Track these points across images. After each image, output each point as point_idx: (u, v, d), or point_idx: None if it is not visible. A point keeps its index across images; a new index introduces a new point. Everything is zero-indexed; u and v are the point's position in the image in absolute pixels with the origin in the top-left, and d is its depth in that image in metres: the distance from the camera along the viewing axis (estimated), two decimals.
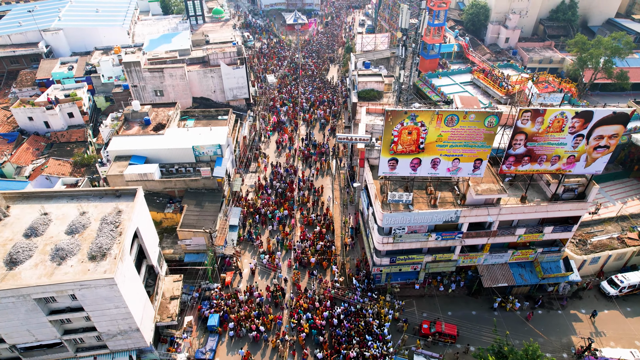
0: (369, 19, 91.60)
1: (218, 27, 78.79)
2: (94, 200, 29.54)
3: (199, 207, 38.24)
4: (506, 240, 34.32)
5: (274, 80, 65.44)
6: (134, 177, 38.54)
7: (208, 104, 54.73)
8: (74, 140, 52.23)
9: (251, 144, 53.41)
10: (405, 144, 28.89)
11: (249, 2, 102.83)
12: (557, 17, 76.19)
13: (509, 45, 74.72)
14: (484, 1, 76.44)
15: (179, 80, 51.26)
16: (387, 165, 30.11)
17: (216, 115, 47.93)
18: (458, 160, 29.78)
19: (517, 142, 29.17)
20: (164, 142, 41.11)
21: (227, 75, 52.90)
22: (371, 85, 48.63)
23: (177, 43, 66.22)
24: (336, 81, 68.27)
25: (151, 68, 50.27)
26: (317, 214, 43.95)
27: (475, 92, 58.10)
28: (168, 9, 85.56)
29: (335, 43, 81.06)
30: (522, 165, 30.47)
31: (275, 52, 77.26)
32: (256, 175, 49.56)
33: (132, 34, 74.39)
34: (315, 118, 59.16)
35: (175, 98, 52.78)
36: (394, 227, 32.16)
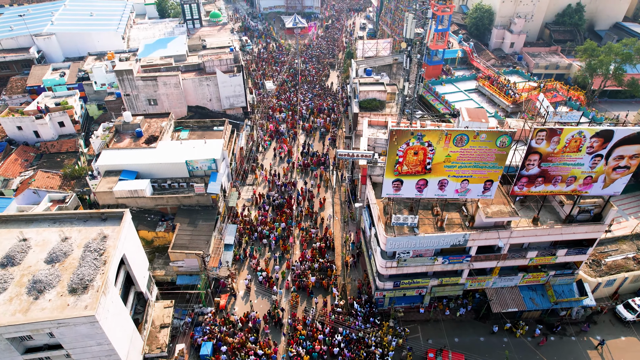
0: (370, 23, 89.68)
1: (215, 31, 76.92)
2: (78, 224, 27.61)
3: (192, 226, 36.30)
4: (517, 263, 32.39)
5: (273, 87, 63.51)
6: (124, 193, 36.62)
7: (204, 113, 52.80)
8: (65, 151, 50.30)
9: (248, 155, 51.48)
10: (410, 164, 26.95)
11: (248, 5, 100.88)
12: (563, 21, 74.25)
13: (514, 50, 72.77)
14: (488, 5, 74.50)
15: (173, 89, 49.34)
16: (392, 186, 28.17)
17: (211, 126, 46.01)
18: (467, 181, 27.84)
19: (531, 163, 27.23)
20: (156, 156, 39.17)
21: (223, 84, 50.97)
22: (373, 95, 46.69)
23: (173, 48, 64.39)
24: (336, 88, 66.33)
25: (144, 76, 48.34)
26: (316, 228, 42.10)
27: (481, 100, 56.20)
28: (164, 13, 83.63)
29: (336, 47, 79.10)
30: (535, 187, 28.53)
31: (274, 57, 75.28)
32: (253, 189, 47.64)
33: (127, 39, 72.49)
34: (315, 127, 57.20)
35: (169, 107, 50.87)
36: (398, 251, 30.23)
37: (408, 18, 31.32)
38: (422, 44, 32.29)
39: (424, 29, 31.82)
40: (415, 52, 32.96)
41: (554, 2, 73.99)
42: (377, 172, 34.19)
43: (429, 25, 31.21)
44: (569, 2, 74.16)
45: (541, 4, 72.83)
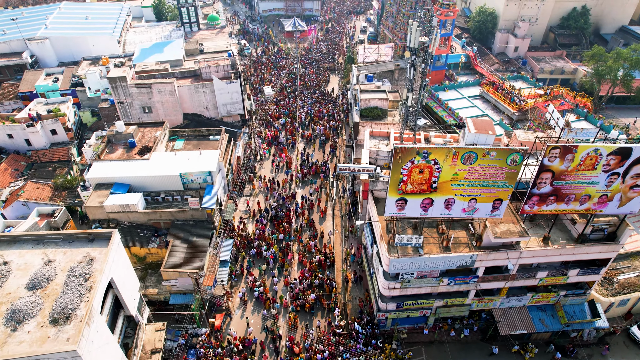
0: (370, 26, 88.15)
1: (213, 35, 75.50)
2: (63, 245, 26.07)
3: (186, 242, 34.76)
4: (526, 283, 30.85)
5: (271, 93, 61.97)
6: (115, 208, 35.09)
7: (200, 120, 51.28)
8: (57, 160, 48.81)
9: (246, 164, 49.95)
10: (415, 183, 25.41)
11: (247, 8, 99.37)
12: (568, 24, 72.69)
13: (518, 54, 71.26)
14: (492, 8, 73.01)
15: (168, 96, 47.82)
16: (395, 205, 26.63)
17: (207, 135, 44.50)
18: (475, 200, 26.30)
19: (543, 181, 25.69)
20: (150, 168, 37.64)
21: (220, 91, 49.44)
22: (375, 103, 45.16)
23: (170, 53, 62.85)
24: (337, 93, 64.79)
25: (138, 84, 46.83)
26: (315, 240, 40.67)
27: (485, 107, 54.72)
28: (162, 15, 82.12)
29: (336, 51, 77.56)
30: (546, 205, 27.00)
31: (272, 61, 73.71)
32: (251, 199, 46.11)
33: (123, 42, 71.01)
34: (315, 135, 55.65)
35: (164, 115, 49.35)
36: (402, 273, 28.69)
37: (412, 26, 29.79)
38: (426, 53, 30.75)
39: (429, 37, 30.29)
40: (420, 62, 31.43)
41: (559, 5, 72.47)
42: (379, 186, 32.67)
43: (434, 33, 29.69)
44: (574, 5, 72.65)
45: (546, 7, 71.31)
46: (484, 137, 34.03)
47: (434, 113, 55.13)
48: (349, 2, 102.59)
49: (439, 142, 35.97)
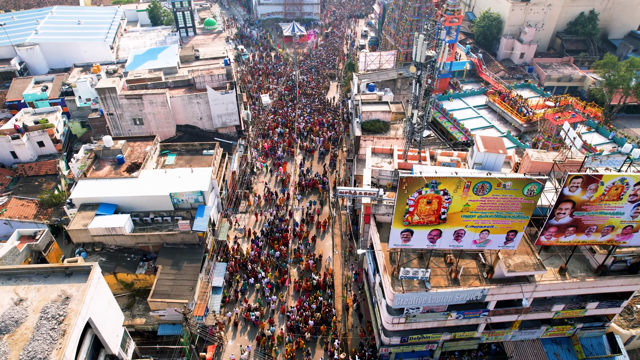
0: (372, 30, 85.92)
1: (210, 40, 73.40)
2: (37, 281, 23.87)
3: (175, 268, 32.55)
4: (540, 316, 28.64)
5: (269, 102, 59.77)
6: (101, 231, 32.90)
7: (194, 132, 49.07)
8: (44, 174, 46.66)
9: (242, 179, 47.74)
10: (422, 214, 23.20)
11: (245, 11, 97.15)
12: (575, 30, 70.47)
13: (524, 60, 69.08)
14: (497, 13, 70.81)
15: (160, 107, 45.61)
16: (400, 237, 24.43)
17: (201, 149, 42.30)
18: (487, 232, 24.09)
19: (562, 212, 23.47)
20: (138, 187, 35.44)
21: (214, 101, 47.23)
22: (377, 116, 42.97)
23: (164, 59, 60.79)
24: (337, 102, 62.56)
25: (128, 95, 44.61)
26: (312, 256, 38.61)
27: (491, 118, 52.51)
28: (157, 20, 79.93)
29: (336, 57, 75.30)
30: (565, 237, 24.79)
31: (271, 68, 71.47)
32: (246, 217, 43.94)
33: (116, 48, 68.85)
34: (314, 146, 53.42)
35: (156, 127, 47.15)
36: (407, 307, 26.48)
37: (418, 39, 27.58)
38: (433, 68, 28.55)
39: (436, 51, 28.08)
40: (426, 77, 29.24)
41: (566, 10, 70.27)
42: (382, 210, 30.45)
43: (442, 47, 27.49)
44: (581, 10, 70.46)
45: (552, 12, 69.11)
46: (493, 156, 31.93)
47: (438, 124, 52.97)
48: (349, 5, 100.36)
49: (445, 160, 33.79)
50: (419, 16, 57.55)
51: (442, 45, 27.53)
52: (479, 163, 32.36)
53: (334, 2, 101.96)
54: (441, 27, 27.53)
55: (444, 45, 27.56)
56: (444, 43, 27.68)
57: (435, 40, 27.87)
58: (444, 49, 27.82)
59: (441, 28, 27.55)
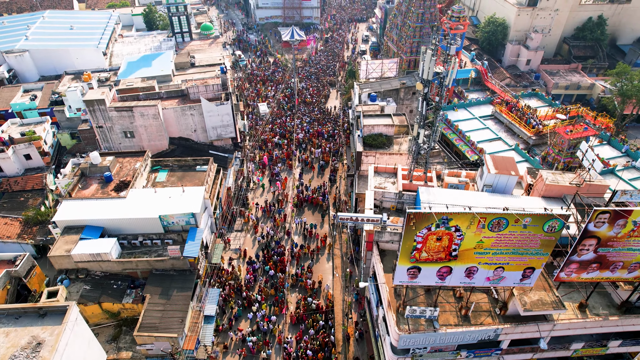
0: (373, 35, 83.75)
1: (206, 46, 71.31)
2: (7, 323, 21.79)
3: (164, 297, 30.42)
4: (557, 355, 26.51)
5: (267, 111, 57.63)
6: (85, 257, 30.79)
7: (187, 145, 46.95)
8: (30, 189, 44.52)
9: (237, 194, 45.60)
10: (432, 250, 21.08)
11: (243, 15, 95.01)
12: (583, 35, 68.31)
13: (530, 67, 66.89)
14: (502, 18, 68.63)
15: (151, 120, 43.49)
16: (406, 273, 22.30)
17: (194, 165, 40.17)
18: (502, 268, 21.98)
19: (585, 248, 21.33)
20: (126, 208, 33.32)
21: (209, 113, 45.12)
22: (379, 129, 40.84)
23: (158, 66, 58.82)
24: (337, 111, 60.41)
25: (118, 107, 42.50)
26: (310, 273, 36.56)
27: (498, 129, 50.36)
28: (152, 24, 77.74)
29: (337, 63, 73.11)
30: (587, 273, 22.67)
31: (268, 75, 69.26)
32: (242, 235, 41.83)
33: (109, 54, 66.72)
34: (313, 158, 51.27)
35: (148, 140, 45.05)
36: (413, 347, 24.36)
37: (426, 55, 25.44)
38: (442, 86, 26.42)
39: (445, 67, 25.95)
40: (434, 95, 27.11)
41: (573, 15, 68.11)
42: (386, 237, 28.33)
43: (452, 64, 25.36)
44: (589, 15, 68.28)
45: (560, 17, 66.94)
46: (505, 178, 29.81)
47: (442, 135, 50.81)
48: (349, 9, 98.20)
49: (453, 181, 31.65)
50: (423, 22, 55.42)
51: (451, 61, 25.39)
52: (489, 185, 30.23)
53: (334, 5, 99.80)
54: (451, 42, 25.37)
55: (453, 61, 25.43)
56: (454, 59, 25.55)
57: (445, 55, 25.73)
58: (453, 65, 25.69)
59: (451, 43, 25.39)
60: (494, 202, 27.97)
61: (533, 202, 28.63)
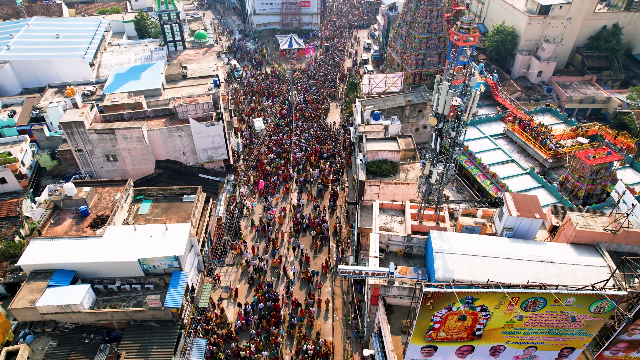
0: (375, 43, 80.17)
1: (200, 55, 67.74)
2: None
3: (142, 354, 26.88)
4: None
5: (262, 127, 54.10)
6: (52, 309, 27.28)
7: (176, 168, 43.42)
8: (4, 216, 40.95)
9: (229, 223, 42.05)
10: (451, 330, 17.58)
11: (240, 20, 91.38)
12: (598, 45, 64.76)
13: (541, 79, 63.28)
14: (512, 26, 65.04)
15: (136, 143, 39.96)
16: (420, 352, 18.78)
17: (180, 194, 36.59)
18: (535, 348, 18.44)
19: (638, 328, 17.78)
20: (102, 249, 29.77)
21: (198, 135, 41.59)
22: (384, 155, 37.30)
23: (147, 79, 55.55)
24: (337, 127, 56.83)
25: (99, 129, 38.96)
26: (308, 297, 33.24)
27: (511, 150, 46.84)
28: (144, 32, 74.14)
29: (337, 73, 69.48)
30: (638, 352, 19.11)
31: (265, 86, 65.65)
32: (233, 271, 38.30)
33: (97, 65, 63.19)
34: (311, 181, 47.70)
35: (132, 164, 41.52)
36: None
37: (442, 86, 21.92)
38: (459, 121, 22.91)
39: (463, 100, 22.44)
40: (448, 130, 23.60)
41: (587, 23, 64.53)
42: (393, 292, 24.80)
43: (472, 97, 21.85)
44: (604, 24, 64.74)
45: (573, 25, 63.37)
46: (527, 221, 26.30)
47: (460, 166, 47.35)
48: (350, 14, 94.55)
49: (468, 223, 28.10)
50: (429, 33, 51.89)
51: (472, 95, 21.88)
52: (509, 228, 26.71)
53: (334, 11, 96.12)
54: (472, 72, 21.85)
55: (474, 95, 21.91)
56: (475, 91, 22.03)
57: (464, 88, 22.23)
58: (473, 97, 22.17)
59: (472, 73, 21.88)
60: (517, 250, 24.46)
61: (561, 250, 25.06)
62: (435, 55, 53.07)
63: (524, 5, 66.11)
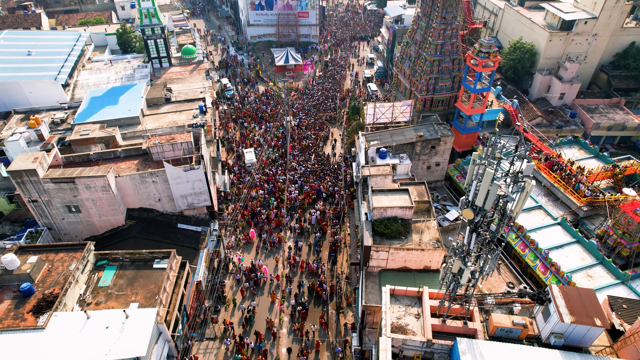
0: (379, 58, 74.03)
1: (187, 73, 61.85)
2: None
3: None
4: None
5: (254, 160, 48.08)
6: None
7: (150, 217, 37.42)
8: None
9: (211, 285, 36.02)
10: None
11: (233, 32, 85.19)
12: (626, 64, 58.73)
13: (563, 102, 57.25)
14: (530, 43, 58.97)
15: (101, 192, 33.94)
16: None
17: (151, 259, 30.58)
18: None
19: None
20: (42, 349, 23.77)
21: (175, 180, 35.60)
22: (393, 212, 31.28)
23: (126, 103, 49.87)
24: (338, 159, 50.78)
25: (56, 179, 32.91)
26: None
27: (536, 193, 41.01)
28: (127, 46, 68.08)
29: (338, 92, 63.38)
30: None
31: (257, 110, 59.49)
32: (215, 347, 32.30)
33: (73, 85, 57.19)
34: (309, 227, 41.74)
35: (99, 215, 35.53)
36: None
37: (485, 175, 15.93)
38: (504, 217, 16.91)
39: (511, 193, 16.46)
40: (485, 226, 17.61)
41: (614, 39, 58.53)
42: None
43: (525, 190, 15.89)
44: (632, 40, 58.70)
45: (598, 42, 57.37)
46: (583, 329, 20.34)
47: None
48: (352, 24, 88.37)
49: (504, 324, 22.08)
50: (442, 55, 45.81)
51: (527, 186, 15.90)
52: (558, 334, 20.79)
53: (334, 22, 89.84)
54: (526, 156, 15.92)
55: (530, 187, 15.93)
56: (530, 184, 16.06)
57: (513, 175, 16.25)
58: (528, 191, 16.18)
59: (526, 156, 15.94)
60: None
61: None
62: (448, 80, 47.01)
63: (543, 19, 60.13)
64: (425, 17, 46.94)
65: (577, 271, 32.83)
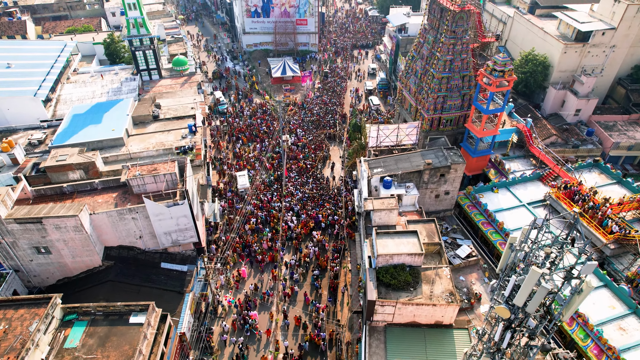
0: (381, 68, 70.35)
1: (178, 86, 58.34)
2: None
3: None
4: None
5: (247, 185, 44.47)
6: None
7: (131, 256, 33.81)
8: None
9: (198, 331, 32.42)
10: None
11: (229, 40, 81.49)
12: None
13: (579, 118, 53.59)
14: (543, 55, 55.26)
15: (73, 233, 30.33)
16: None
17: (127, 313, 26.96)
18: None
19: None
20: None
21: (157, 217, 31.99)
22: (401, 259, 27.70)
23: (110, 122, 46.76)
24: (338, 183, 47.15)
25: (20, 219, 29.28)
26: None
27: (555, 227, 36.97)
28: (115, 56, 64.44)
29: (338, 106, 59.75)
30: None
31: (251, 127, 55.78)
32: None
33: (55, 100, 53.69)
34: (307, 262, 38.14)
35: (72, 256, 31.93)
36: None
37: (529, 276, 12.29)
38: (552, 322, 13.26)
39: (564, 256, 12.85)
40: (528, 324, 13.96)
41: (632, 50, 54.83)
42: None
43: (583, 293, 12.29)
44: None
45: (616, 54, 53.69)
46: None
47: (477, 229, 37.92)
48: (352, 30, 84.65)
49: None
50: (451, 72, 42.25)
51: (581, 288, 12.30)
52: None
53: (334, 29, 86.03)
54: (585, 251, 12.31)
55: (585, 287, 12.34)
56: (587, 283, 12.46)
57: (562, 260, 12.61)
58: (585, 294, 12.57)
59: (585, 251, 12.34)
60: None
61: None
62: (457, 98, 43.45)
63: (556, 28, 56.43)
64: (433, 30, 43.37)
65: (607, 322, 29.25)
